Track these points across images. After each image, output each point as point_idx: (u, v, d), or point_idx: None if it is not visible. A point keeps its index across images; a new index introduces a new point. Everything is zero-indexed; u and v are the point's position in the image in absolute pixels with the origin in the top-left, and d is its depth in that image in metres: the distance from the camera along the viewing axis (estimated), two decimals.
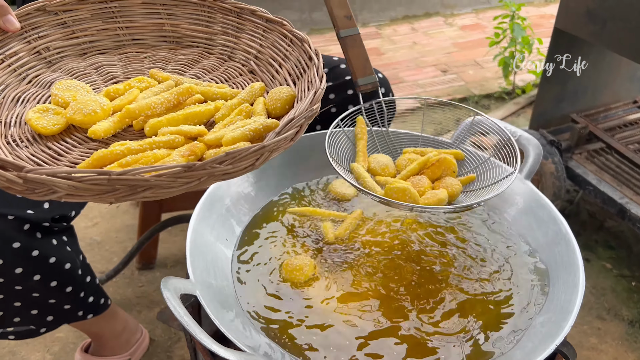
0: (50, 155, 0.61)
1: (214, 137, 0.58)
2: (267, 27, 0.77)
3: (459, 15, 3.14)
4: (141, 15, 0.81)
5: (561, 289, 0.71)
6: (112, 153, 0.56)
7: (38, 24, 0.74)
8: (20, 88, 0.70)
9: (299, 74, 0.70)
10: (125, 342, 1.16)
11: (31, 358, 1.22)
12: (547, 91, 1.66)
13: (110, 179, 0.46)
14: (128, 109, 0.62)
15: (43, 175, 0.46)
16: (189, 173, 0.48)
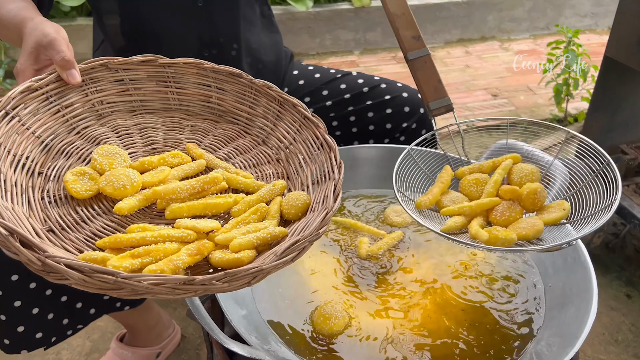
0: (75, 221, 0.64)
1: (224, 238, 0.60)
2: (303, 123, 0.79)
3: (516, 40, 3.10)
4: (192, 84, 0.84)
5: (573, 315, 0.70)
6: (128, 240, 0.58)
7: (98, 79, 0.78)
8: (68, 139, 0.73)
9: (319, 178, 0.72)
10: (157, 336, 1.23)
11: (73, 343, 1.30)
12: (596, 120, 1.62)
13: (116, 280, 0.49)
14: (155, 191, 0.65)
15: (60, 264, 0.50)
16: (186, 286, 0.51)
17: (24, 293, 0.90)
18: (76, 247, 0.61)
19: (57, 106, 0.73)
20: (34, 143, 0.68)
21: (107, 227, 0.65)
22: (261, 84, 0.82)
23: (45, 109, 0.71)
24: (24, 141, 0.67)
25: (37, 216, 0.62)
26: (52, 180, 0.68)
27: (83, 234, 0.63)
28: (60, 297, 0.95)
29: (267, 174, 0.78)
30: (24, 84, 0.70)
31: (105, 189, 0.65)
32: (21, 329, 0.92)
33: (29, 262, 0.51)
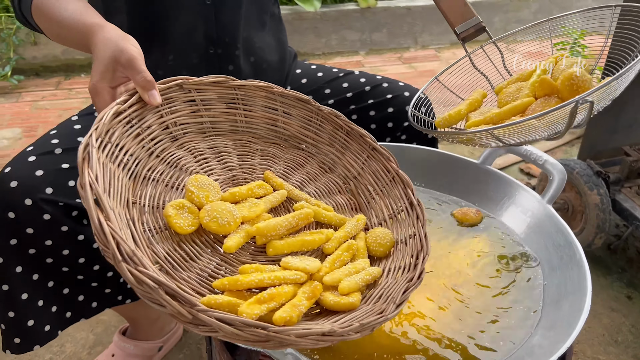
0: (182, 257, 0.64)
1: (331, 279, 0.65)
2: (371, 154, 0.81)
3: (522, 42, 3.10)
4: (260, 107, 0.84)
5: (566, 312, 0.71)
6: (247, 283, 0.61)
7: (172, 99, 0.77)
8: (150, 164, 0.72)
9: (394, 213, 0.76)
10: (159, 330, 1.24)
11: (77, 336, 1.32)
12: (599, 122, 1.62)
13: (268, 334, 0.51)
14: (258, 229, 0.68)
15: (212, 318, 0.50)
16: (327, 337, 0.54)
17: (29, 285, 0.91)
18: (191, 287, 0.61)
19: (138, 129, 0.71)
20: (122, 170, 0.66)
21: (213, 263, 0.66)
22: (328, 111, 0.84)
23: (128, 133, 0.69)
24: (116, 170, 0.65)
25: (145, 253, 0.60)
26: (147, 212, 0.66)
27: (193, 272, 0.63)
28: (62, 290, 0.96)
29: (340, 204, 0.81)
30: (112, 107, 0.67)
31: (210, 225, 0.66)
32: (31, 323, 0.94)
33: (178, 314, 0.51)
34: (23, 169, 0.88)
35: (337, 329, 0.54)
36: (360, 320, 0.57)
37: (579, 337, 1.36)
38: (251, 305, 0.57)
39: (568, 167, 1.55)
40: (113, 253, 0.51)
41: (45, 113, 2.30)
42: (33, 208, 0.86)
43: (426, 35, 3.01)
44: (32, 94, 2.47)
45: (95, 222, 0.53)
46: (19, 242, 0.88)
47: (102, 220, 0.53)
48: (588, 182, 1.50)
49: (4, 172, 0.88)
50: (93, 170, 0.57)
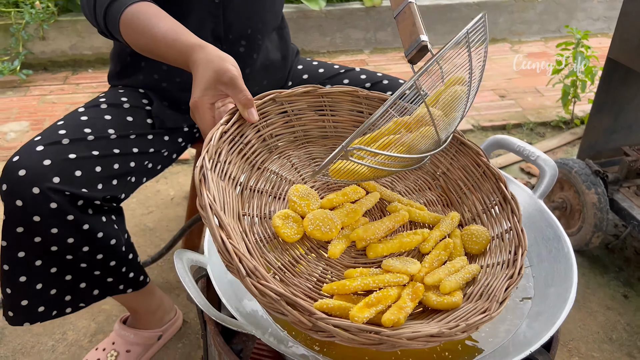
0: (291, 263, 0.70)
1: (432, 280, 0.68)
2: (459, 149, 0.83)
3: (527, 43, 3.11)
4: (346, 111, 0.88)
5: (552, 303, 0.72)
6: (354, 287, 0.65)
7: (267, 112, 0.81)
8: (253, 176, 0.77)
9: (487, 208, 0.78)
10: (159, 319, 1.27)
11: (79, 324, 1.35)
12: (599, 122, 1.64)
13: (381, 338, 0.55)
14: (358, 234, 0.73)
15: (329, 325, 0.55)
16: (435, 338, 0.56)
17: (30, 269, 0.94)
18: (303, 292, 0.66)
19: (240, 145, 0.75)
20: (230, 186, 0.71)
21: (321, 269, 0.71)
22: None
23: (232, 149, 0.73)
24: (226, 185, 0.69)
25: (258, 261, 0.65)
26: (256, 224, 0.71)
27: (303, 277, 0.68)
28: (64, 275, 0.99)
29: (431, 200, 0.83)
30: (218, 128, 0.71)
31: (314, 233, 0.72)
32: (25, 303, 0.97)
33: (299, 322, 0.55)
34: (31, 158, 0.91)
35: (445, 330, 0.56)
36: (465, 320, 0.59)
37: (573, 334, 1.37)
38: (361, 309, 0.60)
39: (566, 166, 1.56)
40: (237, 269, 0.56)
41: (52, 107, 2.33)
42: (40, 197, 0.88)
43: (431, 35, 3.02)
44: (40, 88, 2.51)
45: (219, 241, 0.57)
46: (25, 230, 0.90)
47: (225, 239, 0.57)
48: (586, 181, 1.51)
49: (12, 161, 0.91)
50: (211, 192, 0.61)
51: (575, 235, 1.58)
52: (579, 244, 1.57)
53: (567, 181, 1.59)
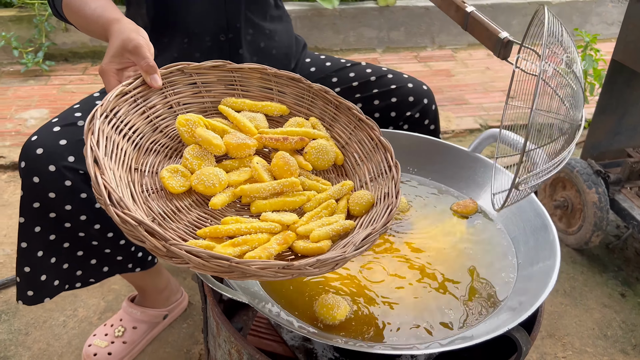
0: (173, 211, 0.72)
1: (304, 230, 0.70)
2: (357, 125, 0.86)
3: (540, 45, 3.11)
4: (256, 87, 0.91)
5: (533, 287, 0.76)
6: (226, 231, 0.68)
7: (175, 82, 0.85)
8: (153, 137, 0.80)
9: (376, 175, 0.81)
10: (165, 299, 1.32)
11: (89, 302, 1.41)
12: (602, 122, 1.65)
13: (230, 265, 0.58)
14: (242, 190, 0.75)
15: (182, 251, 0.58)
16: (286, 270, 0.60)
17: (45, 244, 1.00)
18: (178, 235, 0.69)
19: (143, 107, 0.80)
20: (127, 142, 0.75)
21: (202, 218, 0.73)
22: (318, 88, 0.90)
23: (134, 110, 0.78)
24: (120, 140, 0.74)
25: (141, 207, 0.69)
26: (147, 175, 0.75)
27: (182, 224, 0.71)
28: (76, 251, 1.04)
29: (327, 173, 0.86)
30: (117, 88, 0.76)
31: (198, 186, 0.74)
32: (44, 278, 1.02)
33: (155, 248, 0.59)
34: (48, 138, 0.96)
35: (295, 263, 0.60)
36: (321, 260, 0.62)
37: (568, 329, 1.39)
38: (225, 247, 0.64)
39: (568, 165, 1.59)
40: (104, 199, 0.60)
41: (71, 96, 2.41)
42: (56, 174, 0.94)
43: (444, 36, 3.05)
44: (60, 78, 2.59)
45: (92, 177, 0.63)
46: (41, 206, 0.96)
47: (98, 175, 0.62)
48: (587, 181, 1.53)
49: (30, 140, 0.97)
50: (95, 137, 0.67)
51: (576, 234, 1.60)
52: (579, 242, 1.59)
53: (568, 180, 1.61)
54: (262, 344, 0.91)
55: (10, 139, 2.07)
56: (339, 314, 0.75)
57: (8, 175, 1.92)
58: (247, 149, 0.80)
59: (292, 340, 0.88)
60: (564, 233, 1.66)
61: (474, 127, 2.25)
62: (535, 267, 0.81)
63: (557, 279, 0.75)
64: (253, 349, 0.72)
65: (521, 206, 0.91)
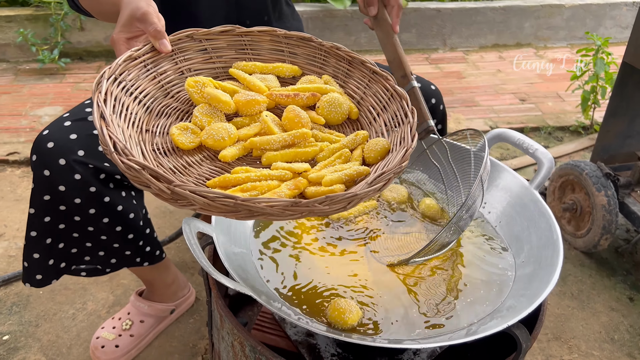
0: (184, 166, 0.72)
1: (316, 176, 0.68)
2: (372, 78, 0.84)
3: (552, 49, 3.10)
4: (267, 50, 0.90)
5: (534, 286, 0.76)
6: (236, 179, 0.67)
7: (185, 48, 0.85)
8: (165, 102, 0.81)
9: (394, 125, 0.78)
10: (173, 294, 1.33)
11: (98, 296, 1.43)
12: (613, 125, 1.64)
13: (236, 203, 0.57)
14: (252, 142, 0.74)
15: (187, 191, 0.57)
16: (294, 207, 0.58)
17: (54, 232, 1.02)
18: None
19: (154, 73, 0.80)
20: (138, 105, 0.76)
21: (212, 171, 0.72)
22: (330, 45, 0.88)
23: (144, 75, 0.79)
24: (131, 103, 0.74)
25: (152, 163, 0.69)
26: (158, 135, 0.75)
27: (193, 177, 0.70)
28: (85, 242, 1.06)
29: (345, 127, 0.84)
30: (126, 53, 0.77)
31: (207, 141, 0.74)
32: (51, 262, 1.05)
33: (160, 191, 0.58)
34: (59, 132, 0.98)
35: (302, 200, 0.58)
36: (328, 195, 0.60)
37: (575, 332, 1.39)
38: (234, 192, 0.63)
39: (578, 168, 1.58)
40: (109, 148, 0.61)
41: (85, 94, 2.44)
42: (66, 168, 0.96)
43: (455, 38, 3.04)
44: (75, 76, 2.62)
45: (98, 129, 0.63)
46: (51, 198, 0.98)
47: (103, 127, 0.63)
48: (596, 184, 1.53)
49: (42, 134, 0.99)
50: (102, 96, 0.68)
51: (584, 237, 1.59)
52: (587, 245, 1.58)
53: (578, 183, 1.61)
54: (265, 338, 0.92)
55: (25, 136, 2.11)
56: (350, 319, 0.74)
57: (22, 170, 1.95)
58: (257, 105, 0.79)
59: (296, 335, 0.89)
60: (573, 236, 1.65)
61: (484, 128, 2.25)
62: (538, 266, 0.81)
63: (564, 282, 0.75)
64: (255, 341, 0.73)
65: (525, 205, 0.91)
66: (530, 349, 1.33)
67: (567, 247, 1.66)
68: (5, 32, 2.70)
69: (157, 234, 1.53)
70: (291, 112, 0.77)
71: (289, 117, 0.77)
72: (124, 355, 1.24)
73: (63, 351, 1.28)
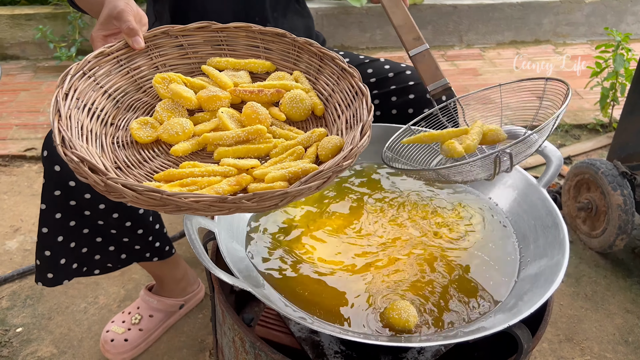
0: (138, 160, 0.75)
1: (260, 172, 0.68)
2: (341, 75, 0.83)
3: (572, 45, 3.04)
4: (243, 46, 0.92)
5: (539, 285, 0.75)
6: (179, 173, 0.68)
7: (161, 44, 0.87)
8: (136, 96, 0.83)
9: (353, 123, 0.77)
10: (182, 290, 1.35)
11: (110, 290, 1.45)
12: (631, 123, 1.61)
13: (162, 197, 0.58)
14: (205, 137, 0.75)
15: (118, 184, 0.60)
16: (221, 204, 0.59)
17: (65, 229, 1.03)
18: (138, 180, 0.71)
19: (127, 68, 0.83)
20: (107, 99, 0.79)
21: (164, 166, 0.75)
22: (303, 41, 0.89)
23: (117, 71, 0.81)
24: (99, 97, 0.77)
25: (108, 156, 0.72)
26: (121, 129, 0.78)
27: (144, 170, 0.73)
28: (95, 238, 1.08)
29: (308, 127, 0.84)
30: (97, 50, 0.80)
31: (162, 135, 0.76)
32: (63, 261, 1.06)
33: (95, 183, 0.61)
34: None
35: (229, 196, 0.59)
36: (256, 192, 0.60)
37: (588, 334, 1.36)
38: (172, 186, 0.65)
39: (593, 166, 1.55)
40: (55, 140, 0.64)
41: None
42: None
43: (472, 34, 3.01)
44: None
45: (52, 123, 0.67)
46: (62, 193, 0.99)
47: (55, 121, 0.67)
48: (612, 182, 1.49)
49: None
50: (63, 91, 0.71)
51: (600, 237, 1.56)
52: (602, 246, 1.55)
53: (593, 182, 1.57)
54: (269, 335, 0.92)
55: (43, 132, 2.15)
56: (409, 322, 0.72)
57: (39, 166, 1.99)
58: (219, 101, 0.80)
59: (300, 332, 0.89)
60: (588, 236, 1.62)
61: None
62: (543, 265, 0.79)
63: (578, 283, 0.74)
64: (254, 336, 0.73)
65: (533, 204, 0.90)
66: (542, 350, 1.31)
67: (582, 247, 1.63)
68: (25, 29, 2.75)
69: (169, 229, 1.54)
70: (249, 108, 0.78)
71: (247, 113, 0.78)
72: (133, 349, 1.25)
73: (74, 344, 1.30)
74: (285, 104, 0.81)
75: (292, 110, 0.81)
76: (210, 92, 0.80)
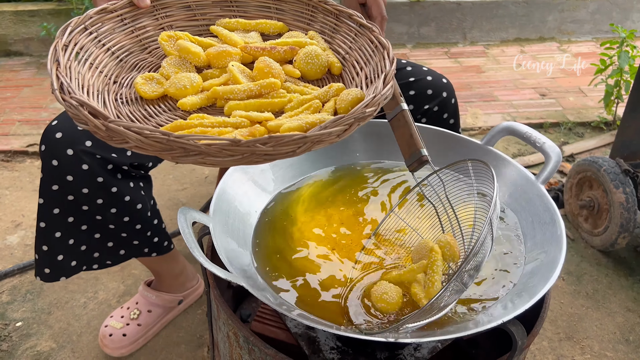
0: (143, 115, 0.70)
1: (275, 124, 0.63)
2: (358, 31, 0.79)
3: (576, 42, 3.02)
4: (254, 7, 0.88)
5: (535, 281, 0.74)
6: (188, 124, 0.63)
7: (167, 5, 0.83)
8: (141, 56, 0.79)
9: (374, 77, 0.72)
10: (181, 285, 1.35)
11: (109, 285, 1.45)
12: (634, 121, 1.59)
13: (169, 139, 0.54)
14: (214, 90, 0.70)
15: (120, 127, 0.55)
16: (234, 147, 0.54)
17: (63, 225, 1.03)
18: None
19: (131, 28, 0.79)
20: (109, 57, 0.75)
21: (171, 121, 0.69)
22: (317, 0, 0.84)
23: (120, 29, 0.78)
24: (101, 54, 0.73)
25: (110, 112, 0.67)
26: (125, 87, 0.74)
27: (150, 125, 0.68)
28: (94, 234, 1.08)
29: (323, 85, 0.79)
30: (100, 6, 0.77)
31: (169, 89, 0.72)
32: (60, 258, 1.06)
33: (95, 128, 0.57)
34: (67, 123, 1.00)
35: (242, 138, 0.54)
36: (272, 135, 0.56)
37: (588, 332, 1.35)
38: (182, 134, 0.59)
39: (595, 164, 1.54)
40: (53, 85, 0.60)
41: None
42: (74, 158, 0.97)
43: (476, 32, 2.99)
44: None
45: (49, 70, 0.62)
46: (59, 188, 0.99)
47: (54, 68, 0.63)
48: (614, 180, 1.48)
49: (51, 125, 1.00)
50: (62, 42, 0.67)
51: (602, 235, 1.55)
52: (604, 244, 1.54)
53: (595, 180, 1.56)
54: (266, 330, 0.92)
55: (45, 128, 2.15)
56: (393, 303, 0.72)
57: None
58: (229, 56, 0.76)
59: (296, 327, 0.89)
60: (590, 234, 1.61)
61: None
62: (540, 262, 0.79)
63: (579, 281, 0.73)
64: (248, 331, 0.73)
65: (530, 200, 0.89)
66: (542, 348, 1.31)
67: (583, 245, 1.62)
68: (29, 26, 2.76)
69: (168, 225, 1.54)
70: (262, 62, 0.73)
71: (259, 67, 0.73)
72: (131, 344, 1.25)
73: (73, 339, 1.30)
74: (299, 60, 0.76)
75: (307, 66, 0.76)
76: (219, 48, 0.76)
